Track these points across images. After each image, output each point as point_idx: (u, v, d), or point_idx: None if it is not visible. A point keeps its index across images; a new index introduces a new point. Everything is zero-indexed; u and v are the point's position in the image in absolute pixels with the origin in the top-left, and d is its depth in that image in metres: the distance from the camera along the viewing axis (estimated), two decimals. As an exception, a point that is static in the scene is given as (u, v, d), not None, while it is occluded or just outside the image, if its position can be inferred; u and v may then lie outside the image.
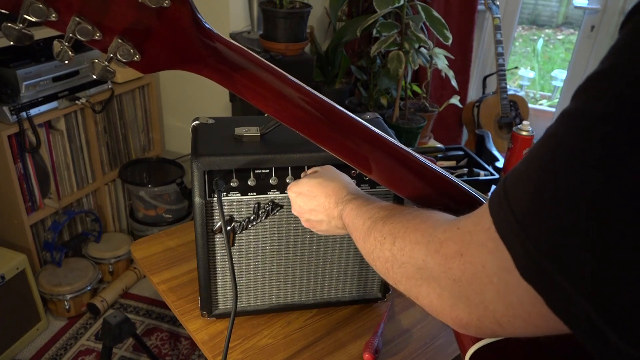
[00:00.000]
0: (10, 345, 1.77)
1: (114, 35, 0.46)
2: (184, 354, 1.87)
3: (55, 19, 0.45)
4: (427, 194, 0.60)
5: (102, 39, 0.47)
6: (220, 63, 0.51)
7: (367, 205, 0.60)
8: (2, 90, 1.68)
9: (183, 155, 2.39)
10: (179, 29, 0.48)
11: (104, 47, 0.47)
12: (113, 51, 0.47)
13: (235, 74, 0.52)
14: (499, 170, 1.36)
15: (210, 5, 2.03)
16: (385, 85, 1.98)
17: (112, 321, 1.42)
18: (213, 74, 0.52)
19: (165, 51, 0.49)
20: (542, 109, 3.58)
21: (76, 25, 0.45)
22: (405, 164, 0.60)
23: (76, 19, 0.45)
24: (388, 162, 0.59)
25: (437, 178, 0.60)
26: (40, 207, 1.92)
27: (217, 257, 0.87)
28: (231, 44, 0.52)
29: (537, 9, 4.10)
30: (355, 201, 0.63)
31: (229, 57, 0.52)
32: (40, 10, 0.43)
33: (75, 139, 1.98)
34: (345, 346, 0.89)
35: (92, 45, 0.47)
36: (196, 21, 0.49)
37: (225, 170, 0.80)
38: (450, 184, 0.60)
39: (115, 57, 0.47)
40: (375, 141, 0.59)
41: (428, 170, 0.60)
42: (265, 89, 0.54)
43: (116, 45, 0.46)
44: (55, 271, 1.96)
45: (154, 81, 2.27)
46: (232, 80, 0.53)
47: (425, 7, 1.65)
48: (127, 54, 0.47)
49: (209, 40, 0.50)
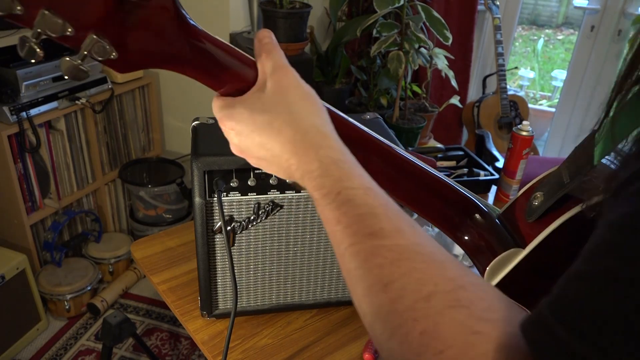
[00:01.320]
0: (10, 345, 1.78)
1: (88, 30, 0.41)
2: (184, 354, 1.87)
3: (21, 12, 0.39)
4: (421, 199, 0.57)
5: (74, 35, 0.41)
6: (205, 63, 0.47)
7: (347, 203, 0.40)
8: (2, 90, 1.69)
9: (183, 155, 2.39)
10: (159, 24, 0.43)
11: (76, 44, 0.42)
12: (87, 48, 0.41)
13: (223, 75, 0.48)
14: (498, 170, 1.36)
15: (210, 5, 2.03)
16: (385, 85, 1.98)
17: (112, 321, 1.42)
18: (198, 75, 0.48)
19: (144, 48, 0.44)
20: (542, 109, 3.58)
21: (44, 20, 0.40)
22: (404, 170, 0.56)
23: (45, 12, 0.39)
24: (385, 167, 0.56)
25: (436, 183, 0.57)
26: (40, 207, 1.92)
27: (217, 257, 0.87)
28: (220, 43, 0.48)
29: (537, 9, 4.10)
30: (325, 179, 0.42)
31: (216, 57, 0.47)
32: (3, 2, 0.38)
33: (75, 139, 1.98)
34: (345, 346, 0.89)
35: (63, 42, 0.42)
36: (179, 17, 0.44)
37: (225, 170, 0.80)
38: (445, 187, 0.58)
39: (90, 55, 0.42)
40: (368, 144, 0.55)
41: (427, 177, 0.56)
42: None
43: (90, 42, 0.41)
44: (55, 271, 1.96)
45: (154, 81, 2.27)
46: (219, 81, 0.49)
47: (425, 7, 1.65)
48: (102, 52, 0.42)
49: (193, 38, 0.46)
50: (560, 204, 0.51)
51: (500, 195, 1.32)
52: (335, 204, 0.40)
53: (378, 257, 0.37)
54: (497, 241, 0.56)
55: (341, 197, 0.40)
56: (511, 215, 0.58)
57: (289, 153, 0.45)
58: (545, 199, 0.53)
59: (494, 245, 0.55)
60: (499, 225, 0.57)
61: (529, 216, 0.54)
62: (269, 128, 0.45)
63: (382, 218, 0.39)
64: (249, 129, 0.46)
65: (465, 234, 0.58)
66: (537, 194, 0.54)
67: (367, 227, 0.38)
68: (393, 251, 0.37)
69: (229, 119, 0.48)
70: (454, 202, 0.58)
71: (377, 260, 0.36)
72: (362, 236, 0.38)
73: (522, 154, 1.25)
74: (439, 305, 0.33)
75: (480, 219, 0.58)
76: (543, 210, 0.52)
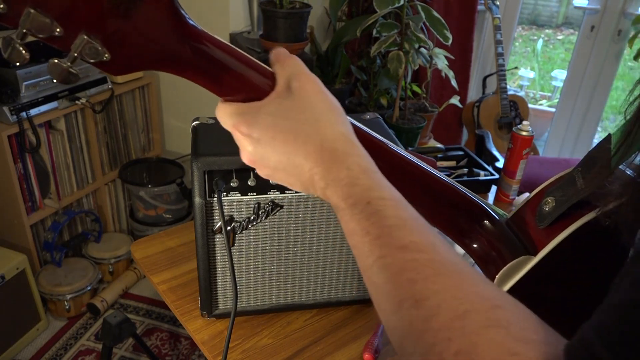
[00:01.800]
0: (10, 345, 1.78)
1: (78, 30, 0.38)
2: (184, 354, 1.87)
3: (4, 11, 0.36)
4: (427, 204, 0.55)
5: (63, 35, 0.38)
6: (204, 65, 0.44)
7: (377, 214, 0.38)
8: (2, 90, 1.69)
9: (183, 155, 2.39)
10: (154, 23, 0.40)
11: (66, 45, 0.39)
12: (77, 50, 0.38)
13: (225, 78, 0.45)
14: (498, 170, 1.36)
15: (210, 5, 2.03)
16: (385, 85, 1.98)
17: (112, 321, 1.42)
18: (197, 77, 0.45)
19: (139, 49, 0.41)
20: (542, 109, 3.59)
21: (30, 19, 0.36)
22: (410, 174, 0.53)
23: (31, 10, 0.36)
24: (390, 171, 0.52)
25: (443, 187, 0.54)
26: (40, 207, 1.92)
27: (217, 257, 0.87)
28: (221, 44, 0.45)
29: (537, 9, 4.10)
30: (355, 189, 0.40)
31: (217, 58, 0.44)
32: None
33: (75, 139, 1.98)
34: (345, 346, 0.89)
35: (51, 43, 0.39)
36: (176, 15, 0.41)
37: (225, 170, 0.80)
38: (453, 191, 0.55)
39: (80, 57, 0.39)
40: (373, 146, 0.51)
41: (434, 181, 0.54)
42: None
43: (81, 43, 0.38)
44: (55, 271, 1.96)
45: (154, 81, 2.27)
46: (218, 84, 0.45)
47: (425, 7, 1.65)
48: (94, 53, 0.39)
49: (191, 38, 0.43)
50: (572, 210, 0.49)
51: (500, 195, 1.33)
52: (364, 214, 0.38)
53: (410, 272, 0.35)
54: (506, 248, 0.54)
55: (371, 207, 0.38)
56: (520, 220, 0.56)
57: (313, 162, 0.42)
58: (558, 205, 0.51)
59: (504, 252, 0.53)
60: (509, 231, 0.55)
61: (540, 222, 0.52)
62: (293, 136, 0.42)
63: (414, 231, 0.37)
64: (269, 135, 0.43)
65: (473, 241, 0.56)
66: (548, 199, 0.52)
67: (399, 240, 0.36)
68: (426, 266, 0.35)
69: (245, 125, 0.44)
70: (462, 207, 0.55)
71: (409, 274, 0.35)
72: (393, 248, 0.36)
73: (522, 154, 1.25)
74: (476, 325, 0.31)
75: (490, 225, 0.55)
76: (556, 216, 0.50)
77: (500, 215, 0.57)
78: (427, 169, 0.54)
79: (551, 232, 0.50)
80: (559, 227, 0.49)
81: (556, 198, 0.51)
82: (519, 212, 0.57)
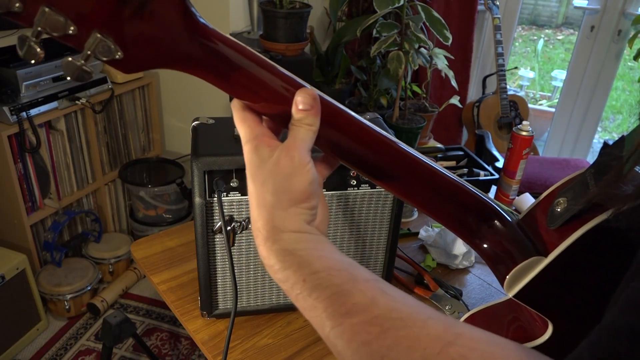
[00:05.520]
0: (10, 345, 1.78)
1: (92, 29, 0.39)
2: (184, 354, 1.87)
3: (19, 10, 0.37)
4: (437, 204, 0.54)
5: (76, 33, 0.39)
6: (216, 63, 0.44)
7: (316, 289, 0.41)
8: (2, 90, 1.69)
9: (183, 155, 2.39)
10: (167, 22, 0.41)
11: (79, 43, 0.39)
12: (91, 48, 0.39)
13: (234, 76, 0.45)
14: (498, 171, 1.36)
15: (210, 6, 2.03)
16: (385, 86, 1.98)
17: (112, 321, 1.42)
18: (208, 76, 0.45)
19: (151, 48, 0.41)
20: (542, 109, 3.59)
21: (45, 18, 0.37)
22: (420, 174, 0.52)
23: (45, 9, 0.37)
24: (400, 172, 0.51)
25: (452, 187, 0.53)
26: (40, 207, 1.92)
27: (217, 257, 0.87)
28: (232, 42, 0.45)
29: (537, 9, 4.10)
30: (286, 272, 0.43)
31: (228, 57, 0.44)
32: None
33: (75, 139, 1.98)
34: (345, 346, 0.89)
35: (65, 41, 0.40)
36: (188, 14, 0.42)
37: (225, 170, 0.80)
38: (463, 191, 0.54)
39: (94, 55, 0.39)
40: (382, 146, 0.50)
41: (443, 180, 0.53)
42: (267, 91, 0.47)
43: (94, 41, 0.39)
44: (55, 271, 1.96)
45: (154, 81, 2.27)
46: (229, 83, 0.46)
47: (425, 7, 1.65)
48: (107, 51, 0.39)
49: (202, 36, 0.43)
50: (584, 212, 0.49)
51: (500, 195, 1.33)
52: (306, 292, 0.40)
53: (361, 335, 0.37)
54: (517, 249, 0.53)
55: (308, 284, 0.40)
56: (532, 221, 0.55)
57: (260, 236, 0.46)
58: (570, 206, 0.50)
59: (514, 253, 0.52)
60: (519, 232, 0.55)
61: (551, 223, 0.51)
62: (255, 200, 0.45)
63: (353, 294, 0.39)
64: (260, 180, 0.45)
65: (483, 242, 0.55)
66: (560, 200, 0.51)
67: (341, 307, 0.38)
68: (373, 325, 0.37)
69: (249, 161, 0.46)
70: (472, 207, 0.54)
71: (361, 337, 0.37)
72: (339, 317, 0.38)
73: (522, 154, 1.25)
74: None
75: (500, 226, 0.54)
76: (568, 217, 0.49)
77: (511, 215, 0.56)
78: (437, 168, 0.53)
79: (563, 233, 0.49)
80: (570, 228, 0.49)
81: (568, 199, 0.51)
82: (530, 212, 0.56)
